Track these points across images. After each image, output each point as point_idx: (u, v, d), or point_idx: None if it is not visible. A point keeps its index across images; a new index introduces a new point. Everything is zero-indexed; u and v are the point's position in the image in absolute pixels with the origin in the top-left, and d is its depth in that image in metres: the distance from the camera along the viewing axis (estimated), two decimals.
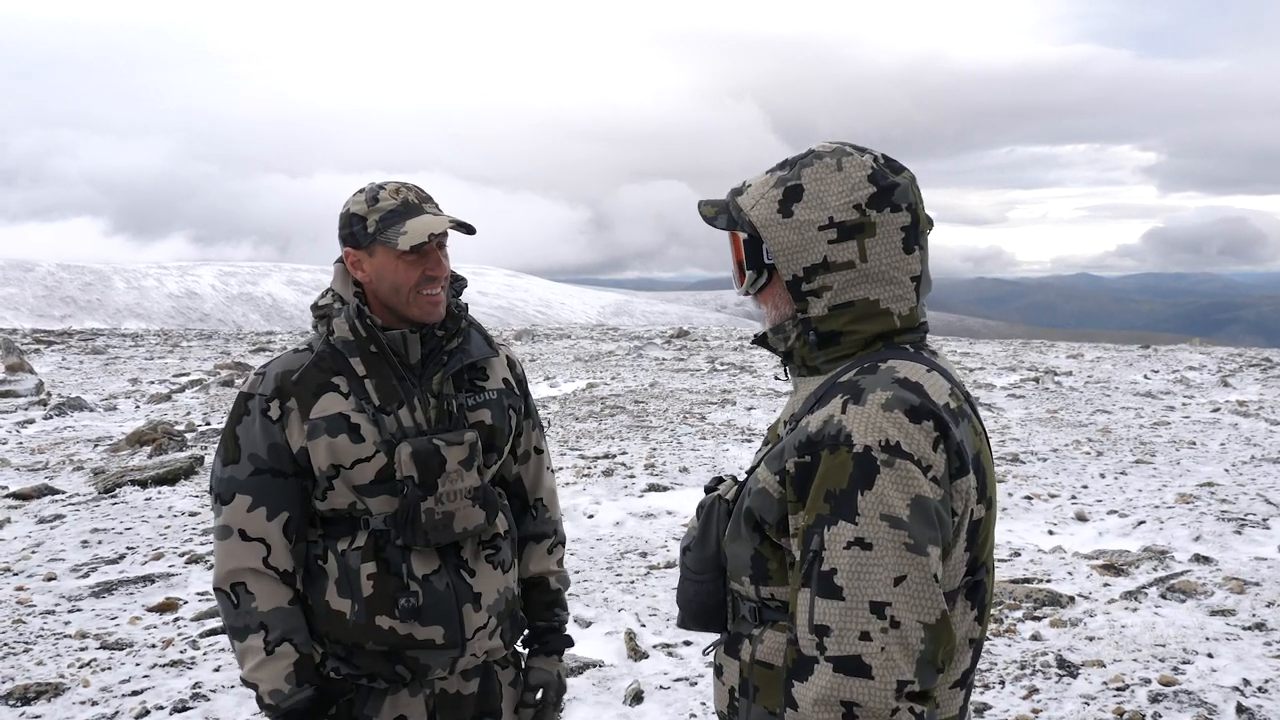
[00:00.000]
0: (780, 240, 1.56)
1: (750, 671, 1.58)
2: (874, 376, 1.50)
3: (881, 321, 1.56)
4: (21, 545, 6.23)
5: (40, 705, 4.02)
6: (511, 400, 2.21)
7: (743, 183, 1.66)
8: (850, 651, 1.37)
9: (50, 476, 8.16)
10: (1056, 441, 8.90)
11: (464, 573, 2.09)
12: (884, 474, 1.40)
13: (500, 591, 2.15)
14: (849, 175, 1.54)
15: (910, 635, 1.37)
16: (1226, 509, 6.53)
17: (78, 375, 15.14)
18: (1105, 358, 15.56)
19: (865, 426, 1.42)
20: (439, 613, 2.04)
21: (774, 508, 1.51)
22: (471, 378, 2.16)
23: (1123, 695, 3.93)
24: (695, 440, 9.18)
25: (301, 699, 2.02)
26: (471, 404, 2.13)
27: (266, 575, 2.04)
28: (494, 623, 2.13)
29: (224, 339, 22.68)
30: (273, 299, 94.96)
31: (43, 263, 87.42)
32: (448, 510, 2.03)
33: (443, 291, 2.08)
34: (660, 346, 18.47)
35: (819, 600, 1.40)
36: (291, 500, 2.05)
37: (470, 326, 2.18)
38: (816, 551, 1.41)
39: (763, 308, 1.66)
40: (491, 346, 2.20)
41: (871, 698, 1.36)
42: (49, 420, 10.86)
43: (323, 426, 2.02)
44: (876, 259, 1.54)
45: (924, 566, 1.38)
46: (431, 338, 2.10)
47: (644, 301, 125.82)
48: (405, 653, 2.05)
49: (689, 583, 1.68)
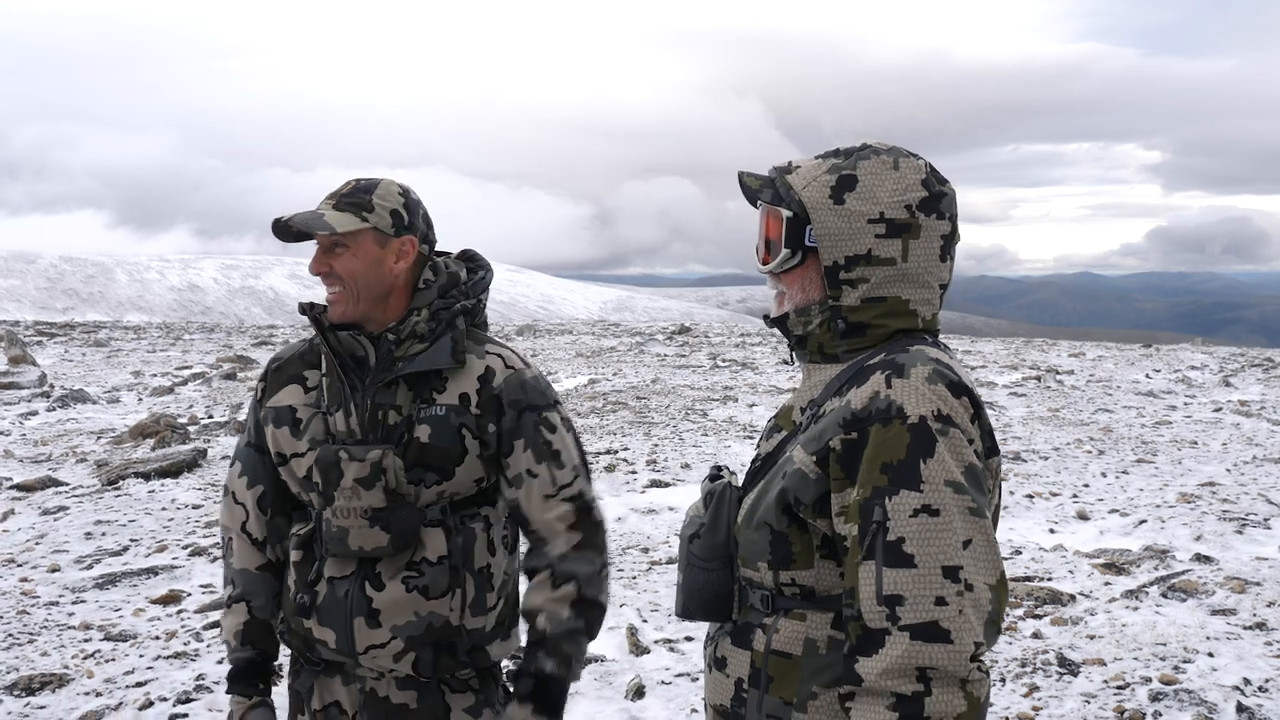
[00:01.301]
0: (828, 225, 1.58)
1: (764, 661, 1.58)
2: (908, 355, 1.53)
3: (907, 320, 1.60)
4: (25, 536, 6.25)
5: (45, 696, 4.04)
6: (464, 419, 2.00)
7: (789, 162, 1.67)
8: (927, 618, 1.39)
9: (54, 468, 8.19)
10: (1058, 440, 8.91)
11: (369, 585, 2.00)
12: (942, 442, 1.44)
13: (419, 616, 1.99)
14: (904, 175, 1.58)
15: (981, 596, 1.41)
16: (1228, 509, 6.54)
17: (80, 367, 15.17)
18: (1107, 357, 15.56)
19: (916, 398, 1.46)
20: (332, 617, 2.02)
21: (810, 488, 1.52)
22: (432, 388, 2.02)
23: (1123, 693, 3.94)
24: (697, 436, 9.20)
25: (241, 657, 2.13)
26: (420, 417, 2.00)
27: (243, 538, 2.16)
28: (399, 644, 1.99)
29: (226, 332, 22.72)
30: (275, 292, 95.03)
31: (45, 255, 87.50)
32: (342, 525, 1.98)
33: (340, 292, 2.00)
34: (662, 343, 18.48)
35: (888, 570, 1.41)
36: (267, 476, 2.14)
37: (447, 331, 2.04)
38: (880, 523, 1.43)
39: (784, 288, 1.67)
40: (456, 356, 2.01)
41: (950, 661, 1.38)
42: (52, 412, 10.89)
43: (272, 415, 2.10)
44: (916, 260, 1.58)
45: (985, 529, 1.43)
46: (383, 341, 2.01)
47: (646, 297, 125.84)
48: (313, 644, 2.06)
49: (696, 571, 1.68)
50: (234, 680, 2.14)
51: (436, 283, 2.07)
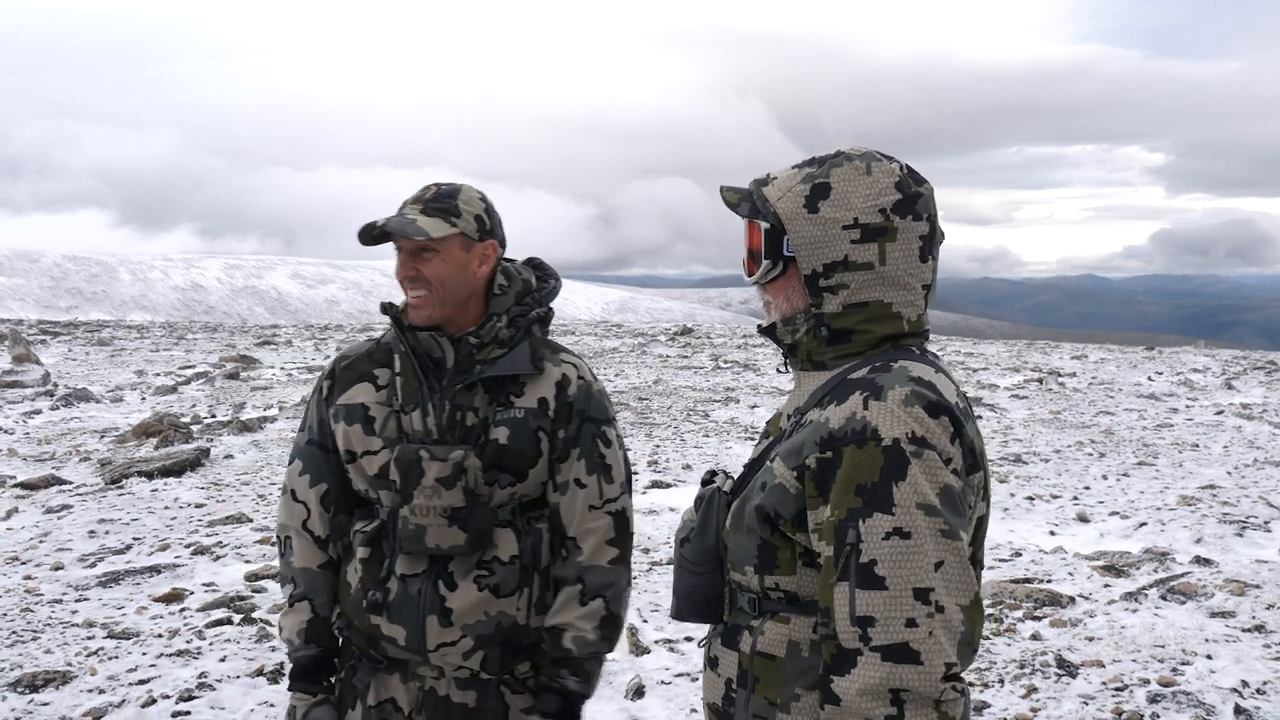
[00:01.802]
0: (804, 234, 1.59)
1: (750, 663, 1.61)
2: (889, 374, 1.53)
3: (892, 324, 1.60)
4: (29, 535, 6.28)
5: (48, 693, 4.07)
6: (541, 422, 2.08)
7: (767, 175, 1.69)
8: (898, 639, 1.39)
9: (57, 467, 8.21)
10: (1059, 442, 8.92)
11: (442, 583, 2.04)
12: (914, 465, 1.44)
13: (489, 615, 2.05)
14: (877, 180, 1.58)
15: (953, 618, 1.41)
16: (1228, 511, 6.55)
17: (84, 366, 15.21)
18: (1109, 359, 15.57)
19: (891, 421, 1.46)
20: (404, 615, 2.05)
21: (790, 502, 1.54)
22: (509, 392, 2.08)
23: (1121, 695, 3.95)
24: (698, 438, 9.21)
25: (305, 655, 2.14)
26: (497, 419, 2.06)
27: (305, 536, 2.17)
28: (469, 643, 2.05)
29: (229, 332, 22.75)
30: (278, 292, 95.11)
31: (49, 254, 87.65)
32: (420, 523, 2.01)
33: (428, 295, 2.04)
34: (664, 344, 18.49)
35: (860, 592, 1.42)
36: (331, 473, 2.15)
37: (525, 337, 2.11)
38: (854, 544, 1.44)
39: (770, 298, 1.69)
40: (536, 363, 2.10)
41: (921, 682, 1.39)
42: (55, 411, 10.91)
43: (343, 412, 2.11)
44: (894, 263, 1.58)
45: (959, 551, 1.43)
46: (465, 344, 2.07)
47: (648, 298, 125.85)
48: (379, 641, 2.08)
49: (687, 573, 1.71)
50: (297, 677, 2.15)
51: (512, 289, 2.14)
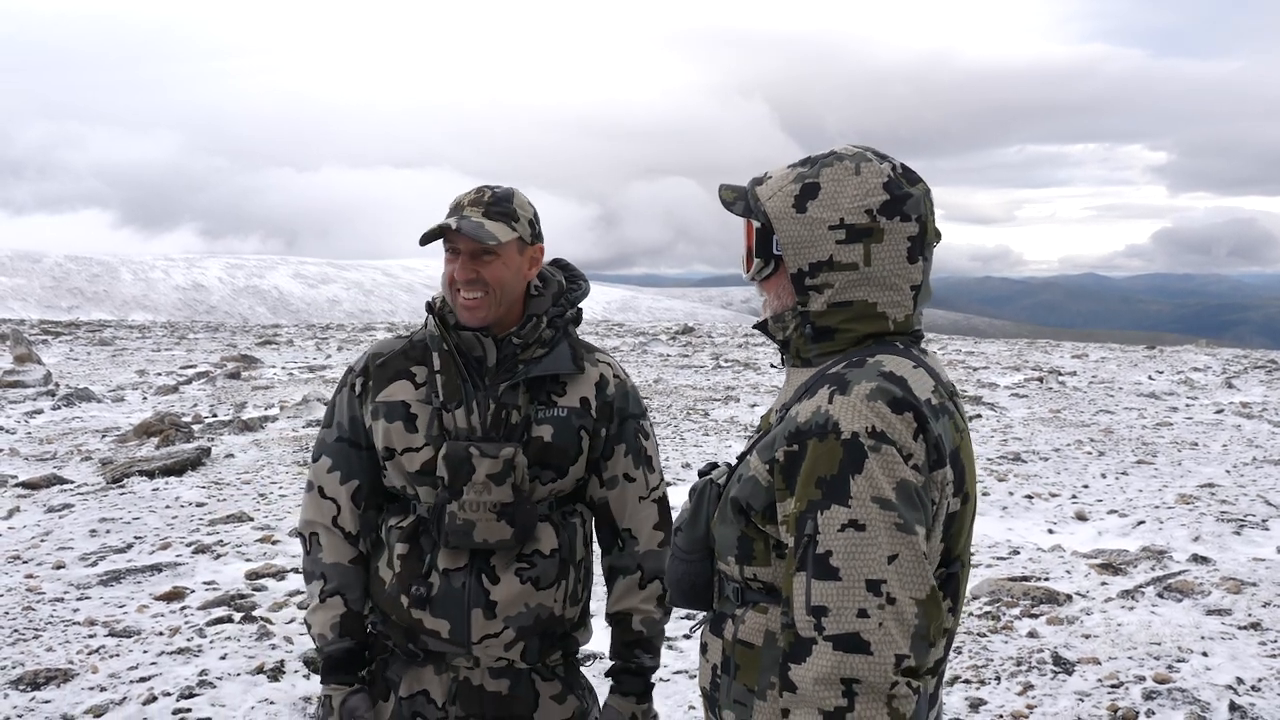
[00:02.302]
0: (791, 233, 1.62)
1: (732, 650, 1.65)
2: (860, 370, 1.56)
3: (876, 323, 1.62)
4: (31, 534, 6.30)
5: (50, 690, 4.09)
6: (584, 421, 2.15)
7: (764, 173, 1.71)
8: (849, 629, 1.42)
9: (59, 466, 8.24)
10: (1058, 441, 8.94)
11: (485, 577, 2.10)
12: (871, 459, 1.46)
13: (529, 607, 2.12)
14: (865, 180, 1.60)
15: (905, 610, 1.42)
16: (1226, 510, 6.56)
17: (85, 366, 15.24)
18: (1110, 358, 15.58)
19: (851, 415, 1.49)
20: (448, 608, 2.09)
21: (761, 495, 1.57)
22: (550, 391, 2.14)
23: (1117, 692, 3.97)
24: (698, 436, 9.23)
25: (339, 648, 2.15)
26: (539, 417, 2.11)
27: (334, 532, 2.18)
28: (511, 634, 2.11)
29: (230, 331, 22.79)
30: (279, 292, 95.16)
31: (50, 254, 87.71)
32: (469, 519, 2.05)
33: (484, 298, 2.07)
34: (665, 343, 18.51)
35: (815, 583, 1.45)
36: (363, 470, 2.17)
37: (564, 338, 2.17)
38: (811, 536, 1.47)
39: (765, 295, 1.72)
40: (576, 362, 2.16)
41: (871, 672, 1.41)
42: (57, 410, 10.94)
43: (383, 410, 2.12)
44: (880, 264, 1.59)
45: (914, 545, 1.45)
46: (508, 344, 2.11)
47: (650, 297, 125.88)
48: (419, 635, 2.12)
49: (679, 562, 1.75)
50: (332, 670, 2.16)
51: (548, 290, 2.20)
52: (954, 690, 4.06)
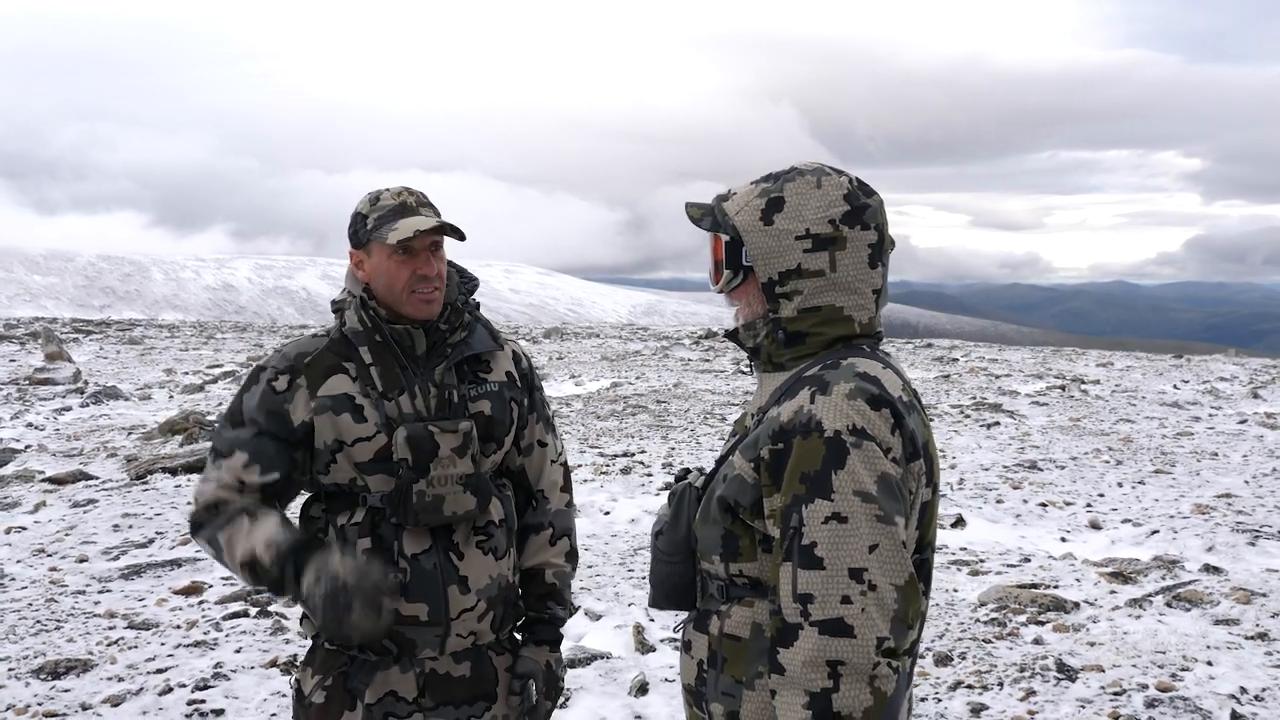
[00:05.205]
0: (760, 245, 1.70)
1: (719, 644, 1.72)
2: (837, 371, 1.64)
3: (844, 326, 1.71)
4: (56, 528, 6.45)
5: (70, 680, 4.20)
6: (513, 393, 2.28)
7: (728, 190, 1.80)
8: (833, 615, 1.51)
9: (85, 462, 8.40)
10: (1076, 450, 8.90)
11: (452, 555, 2.15)
12: (853, 455, 1.55)
13: (493, 578, 2.20)
14: (826, 193, 1.69)
15: (885, 596, 1.51)
16: (1242, 520, 6.52)
17: (114, 364, 15.48)
18: (1136, 367, 15.46)
19: (833, 414, 1.57)
20: (424, 590, 2.13)
21: (749, 492, 1.65)
22: (474, 370, 2.25)
23: (1119, 700, 3.98)
24: (714, 440, 9.27)
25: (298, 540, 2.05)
26: (473, 395, 2.21)
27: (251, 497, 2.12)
28: (483, 606, 2.18)
29: (258, 331, 23.05)
30: (307, 292, 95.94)
31: (83, 253, 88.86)
32: (438, 494, 2.12)
33: (437, 291, 2.17)
34: (687, 347, 18.55)
35: (801, 572, 1.54)
36: (283, 464, 2.13)
37: (476, 321, 2.28)
38: (796, 528, 1.55)
39: (734, 305, 1.81)
40: (496, 341, 2.29)
41: (855, 654, 1.49)
42: (85, 408, 11.14)
43: (329, 404, 2.15)
44: (844, 270, 1.69)
45: (893, 535, 1.54)
46: (435, 330, 2.21)
47: (675, 302, 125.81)
48: (392, 627, 2.11)
49: (661, 564, 1.83)
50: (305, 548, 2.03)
51: (452, 280, 2.28)
52: (956, 695, 4.08)
